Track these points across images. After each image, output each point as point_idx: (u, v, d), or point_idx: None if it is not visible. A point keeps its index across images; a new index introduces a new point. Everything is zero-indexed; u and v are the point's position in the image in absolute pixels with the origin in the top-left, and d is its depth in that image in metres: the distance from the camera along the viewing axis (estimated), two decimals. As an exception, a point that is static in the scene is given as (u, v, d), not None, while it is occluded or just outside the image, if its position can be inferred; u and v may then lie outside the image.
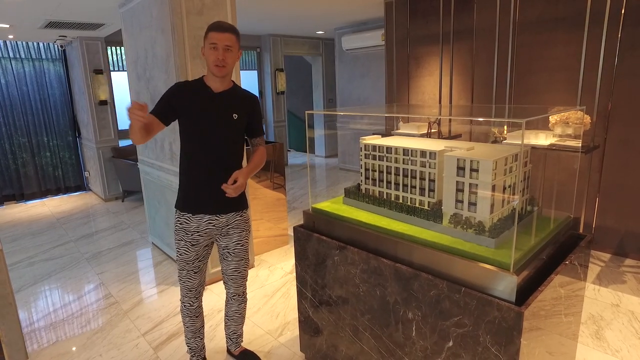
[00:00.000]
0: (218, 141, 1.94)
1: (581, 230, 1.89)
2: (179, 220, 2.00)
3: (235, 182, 1.89)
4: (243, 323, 2.31)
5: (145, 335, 2.65)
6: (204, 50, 1.88)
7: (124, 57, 5.80)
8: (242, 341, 2.35)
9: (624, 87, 3.23)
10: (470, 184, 1.53)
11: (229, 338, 2.32)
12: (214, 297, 3.05)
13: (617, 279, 3.11)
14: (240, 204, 2.05)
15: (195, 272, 2.05)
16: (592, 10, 2.97)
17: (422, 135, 3.43)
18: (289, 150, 9.40)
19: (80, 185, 6.57)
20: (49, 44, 5.94)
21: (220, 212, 1.99)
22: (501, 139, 3.04)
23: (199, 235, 1.99)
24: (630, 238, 3.40)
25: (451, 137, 3.83)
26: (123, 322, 2.81)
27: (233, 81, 2.02)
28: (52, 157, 6.25)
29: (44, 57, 5.95)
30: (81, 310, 3.00)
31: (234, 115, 1.96)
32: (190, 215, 1.97)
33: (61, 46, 5.99)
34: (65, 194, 6.42)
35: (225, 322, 2.29)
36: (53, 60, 6.05)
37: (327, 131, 8.53)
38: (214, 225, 2.00)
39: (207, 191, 1.94)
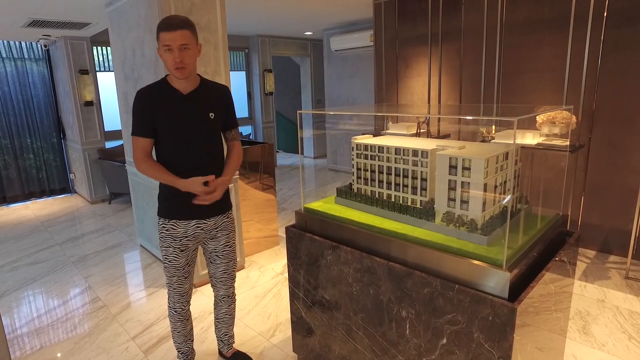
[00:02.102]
0: (197, 145, 1.86)
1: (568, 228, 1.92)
2: (164, 227, 1.93)
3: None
4: (233, 324, 2.30)
5: (135, 338, 2.61)
6: (159, 51, 1.75)
7: (110, 57, 5.72)
8: (234, 342, 2.33)
9: (607, 87, 3.30)
10: (462, 182, 1.55)
11: (221, 340, 2.30)
12: (205, 299, 3.02)
13: (603, 275, 3.17)
14: (226, 205, 2.04)
15: (185, 277, 2.02)
16: (576, 13, 3.04)
17: (411, 135, 3.45)
18: (278, 152, 9.38)
19: (65, 188, 6.44)
20: (31, 43, 5.81)
21: (208, 215, 1.96)
22: (489, 138, 3.07)
23: (187, 240, 1.95)
24: (614, 235, 3.48)
25: (440, 136, 3.86)
26: (112, 325, 2.76)
27: (199, 75, 1.90)
28: (36, 159, 6.11)
29: (26, 56, 5.82)
30: (67, 315, 2.94)
31: (210, 114, 1.88)
32: (177, 221, 1.92)
33: (45, 46, 5.87)
34: (50, 196, 6.29)
35: (216, 325, 2.27)
36: (36, 60, 5.92)
37: (316, 132, 8.53)
38: (202, 229, 1.97)
39: (192, 197, 1.85)
